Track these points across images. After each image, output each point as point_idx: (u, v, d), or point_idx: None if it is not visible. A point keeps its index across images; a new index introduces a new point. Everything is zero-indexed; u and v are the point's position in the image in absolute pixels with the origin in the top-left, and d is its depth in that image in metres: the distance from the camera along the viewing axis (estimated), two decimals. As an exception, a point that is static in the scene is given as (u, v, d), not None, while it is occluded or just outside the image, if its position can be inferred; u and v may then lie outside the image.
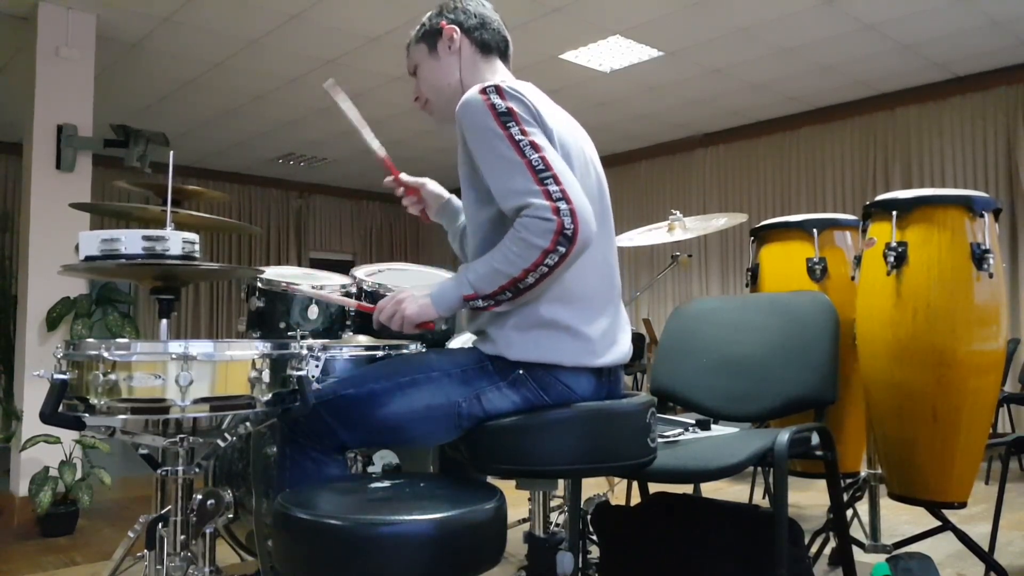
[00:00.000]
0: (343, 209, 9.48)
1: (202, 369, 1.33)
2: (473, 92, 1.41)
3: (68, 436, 3.49)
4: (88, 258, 1.53)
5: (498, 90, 1.40)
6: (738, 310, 2.28)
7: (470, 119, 1.40)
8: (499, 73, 1.62)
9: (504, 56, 1.66)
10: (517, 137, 1.35)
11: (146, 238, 1.54)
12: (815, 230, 2.53)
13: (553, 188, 1.31)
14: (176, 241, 1.56)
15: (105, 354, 1.32)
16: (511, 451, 1.38)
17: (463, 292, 1.38)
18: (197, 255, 1.61)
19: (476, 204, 1.47)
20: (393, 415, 1.40)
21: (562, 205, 1.30)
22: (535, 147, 1.35)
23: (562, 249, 1.30)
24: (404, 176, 1.75)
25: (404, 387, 1.41)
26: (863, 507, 2.75)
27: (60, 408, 1.33)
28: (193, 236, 1.61)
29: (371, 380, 1.43)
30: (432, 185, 1.79)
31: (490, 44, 1.62)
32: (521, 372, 1.40)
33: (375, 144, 1.67)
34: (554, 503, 2.71)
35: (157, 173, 4.11)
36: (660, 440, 1.77)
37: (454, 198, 1.80)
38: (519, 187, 1.33)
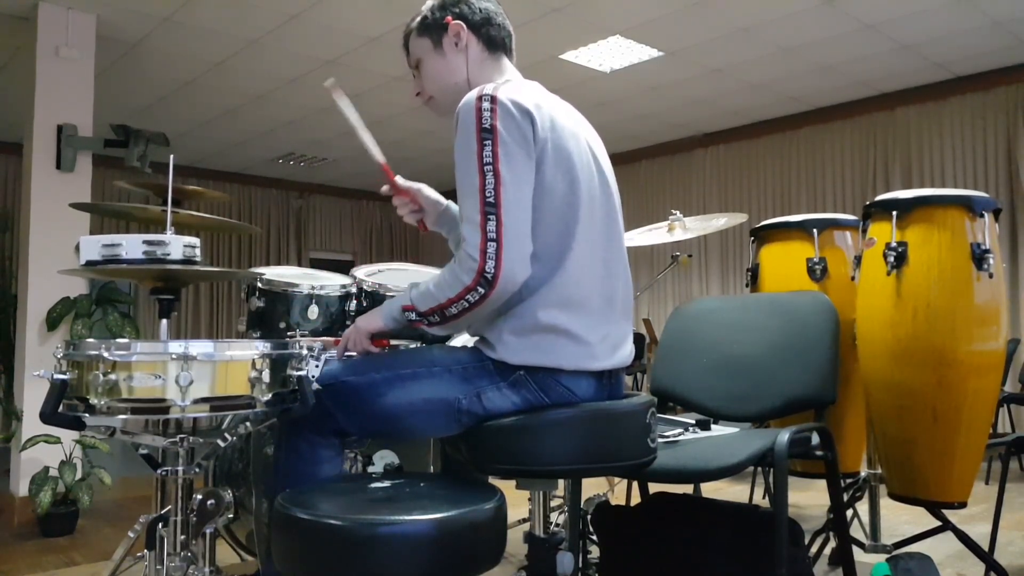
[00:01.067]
0: (343, 209, 9.48)
1: (202, 369, 1.33)
2: (471, 96, 1.40)
3: (68, 436, 3.49)
4: (89, 263, 1.53)
5: (493, 100, 1.38)
6: (738, 310, 2.28)
7: (459, 123, 1.40)
8: (507, 72, 1.60)
9: (509, 52, 1.64)
10: (486, 159, 1.35)
11: (147, 243, 1.54)
12: (815, 230, 2.53)
13: (491, 226, 1.33)
14: (177, 246, 1.57)
15: (105, 354, 1.32)
16: (511, 451, 1.38)
17: (403, 303, 1.44)
18: (198, 259, 1.61)
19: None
20: (392, 405, 1.41)
21: (490, 247, 1.32)
22: (496, 175, 1.35)
23: (481, 290, 1.34)
24: (400, 180, 1.73)
25: (405, 379, 1.42)
26: (863, 507, 2.75)
27: (60, 408, 1.33)
28: (194, 240, 1.61)
29: (373, 369, 1.44)
30: (428, 190, 1.75)
31: (496, 41, 1.60)
32: (522, 373, 1.40)
33: (375, 149, 1.64)
34: (554, 503, 2.71)
35: (157, 173, 4.11)
36: (660, 440, 1.77)
37: (452, 204, 1.77)
38: (466, 212, 1.36)
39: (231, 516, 1.89)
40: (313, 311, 2.06)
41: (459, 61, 1.58)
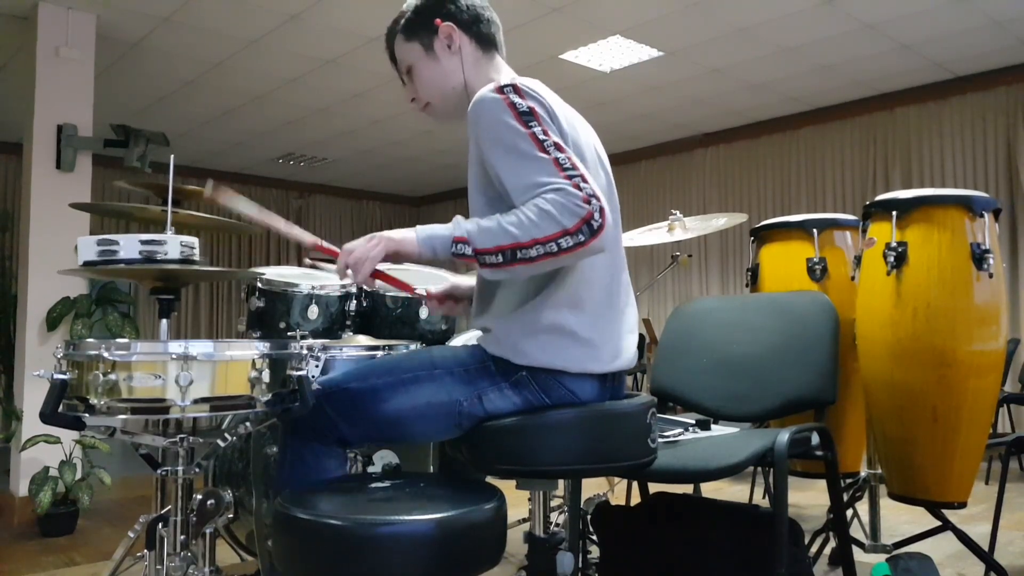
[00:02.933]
0: (343, 209, 9.48)
1: (202, 369, 1.33)
2: (488, 91, 1.36)
3: (68, 436, 3.49)
4: (87, 263, 1.53)
5: (516, 89, 1.35)
6: (738, 310, 2.28)
7: (487, 118, 1.34)
8: (503, 71, 1.58)
9: (500, 47, 1.60)
10: (541, 137, 1.30)
11: (144, 242, 1.54)
12: (815, 230, 2.53)
13: (583, 184, 1.26)
14: (174, 245, 1.56)
15: (105, 354, 1.32)
16: (511, 451, 1.38)
17: (455, 233, 1.30)
18: (196, 258, 1.61)
19: (486, 209, 1.42)
20: (394, 411, 1.40)
21: (594, 200, 1.25)
22: (559, 148, 1.30)
23: (582, 237, 1.24)
24: (431, 289, 1.61)
25: (406, 383, 1.41)
26: (863, 507, 2.75)
27: (60, 408, 1.33)
28: (192, 239, 1.60)
29: (374, 375, 1.43)
30: (461, 279, 1.66)
31: (488, 38, 1.56)
32: (524, 374, 1.40)
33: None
34: (554, 503, 2.71)
35: (157, 173, 4.11)
36: (660, 440, 1.77)
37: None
38: (542, 180, 1.27)
39: (231, 516, 1.89)
40: (313, 311, 2.06)
41: (454, 64, 1.53)
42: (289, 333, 2.02)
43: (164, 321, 1.72)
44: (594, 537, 2.28)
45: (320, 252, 1.49)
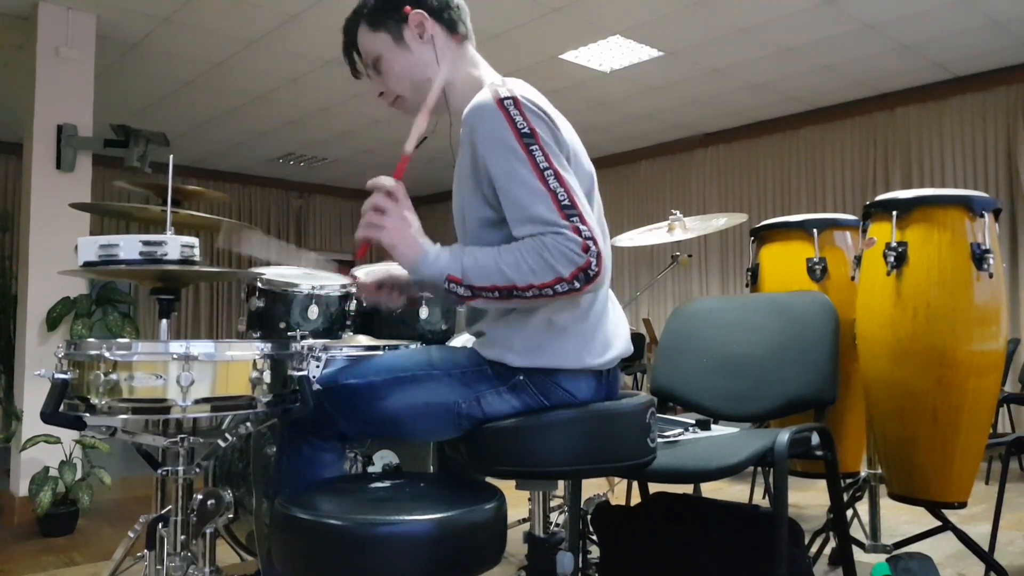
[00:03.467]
0: (343, 209, 9.48)
1: (203, 369, 1.33)
2: (487, 99, 1.33)
3: (68, 436, 3.49)
4: (87, 264, 1.53)
5: (516, 103, 1.32)
6: (738, 310, 2.28)
7: (485, 130, 1.32)
8: (478, 62, 1.54)
9: (469, 32, 1.54)
10: (541, 164, 1.29)
11: (144, 243, 1.54)
12: (815, 230, 2.53)
13: (582, 227, 1.26)
14: (175, 246, 1.56)
15: (106, 354, 1.32)
16: (511, 452, 1.38)
17: (451, 271, 1.30)
18: (196, 259, 1.61)
19: (479, 204, 1.42)
20: (392, 409, 1.40)
21: (591, 246, 1.25)
22: (559, 178, 1.28)
23: (577, 285, 1.25)
24: (361, 274, 1.59)
25: (404, 382, 1.41)
26: (863, 507, 2.75)
27: (61, 408, 1.33)
28: (192, 240, 1.60)
29: (372, 372, 1.43)
30: (396, 267, 1.57)
31: (457, 24, 1.51)
32: (521, 378, 1.40)
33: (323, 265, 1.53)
34: (554, 503, 2.71)
35: (157, 173, 4.11)
36: (660, 440, 1.77)
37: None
38: (543, 216, 1.26)
39: (231, 516, 1.89)
40: (313, 311, 2.06)
41: (427, 54, 1.48)
42: (289, 333, 2.02)
43: (164, 321, 1.72)
44: (594, 537, 2.28)
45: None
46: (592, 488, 3.15)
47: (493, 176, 1.33)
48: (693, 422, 2.01)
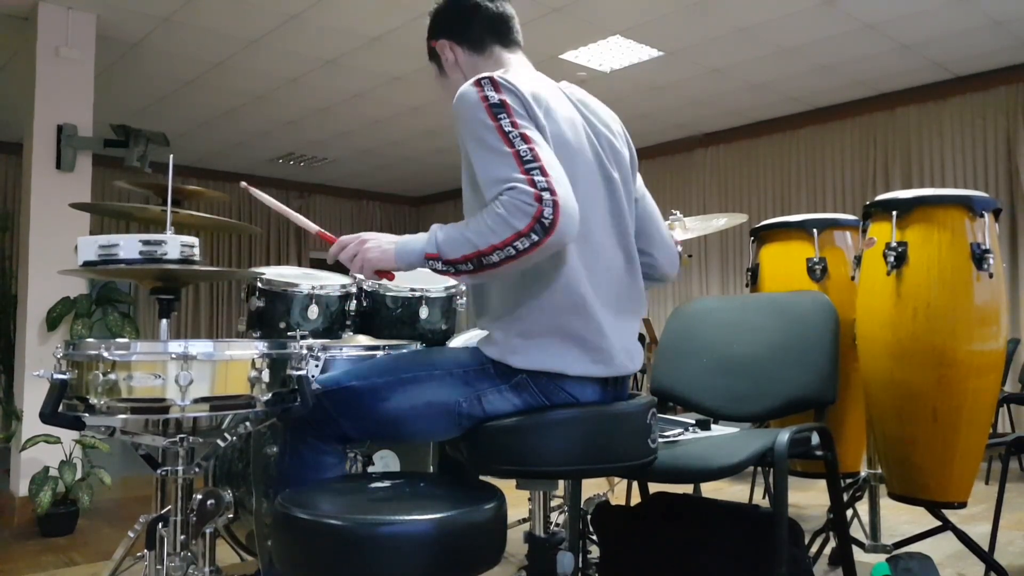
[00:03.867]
0: (343, 209, 9.48)
1: (202, 369, 1.33)
2: (467, 84, 1.39)
3: (68, 436, 3.49)
4: (87, 263, 1.53)
5: (492, 81, 1.37)
6: (738, 310, 2.28)
7: (462, 112, 1.37)
8: (503, 63, 1.57)
9: (502, 37, 1.59)
10: (507, 128, 1.32)
11: (144, 242, 1.54)
12: (815, 230, 2.53)
13: (539, 178, 1.26)
14: (174, 245, 1.56)
15: (105, 354, 1.32)
16: (511, 452, 1.38)
17: (427, 250, 1.33)
18: (196, 258, 1.61)
19: (473, 202, 1.43)
20: (394, 409, 1.41)
21: (545, 195, 1.24)
22: (525, 139, 1.30)
23: (535, 236, 1.24)
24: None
25: (406, 383, 1.41)
26: (863, 507, 2.75)
27: (60, 408, 1.33)
28: (192, 240, 1.60)
29: (374, 374, 1.44)
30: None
31: (481, 38, 1.57)
32: (524, 377, 1.40)
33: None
34: (554, 503, 2.71)
35: (157, 173, 4.11)
36: (660, 440, 1.77)
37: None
38: (503, 175, 1.28)
39: (231, 516, 1.89)
40: (313, 311, 2.06)
41: (457, 76, 1.60)
42: (289, 333, 2.02)
43: (164, 321, 1.72)
44: (594, 537, 2.28)
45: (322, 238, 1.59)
46: (592, 488, 3.15)
47: (470, 153, 1.36)
48: (693, 422, 2.01)
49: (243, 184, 1.63)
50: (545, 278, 1.39)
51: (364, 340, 2.13)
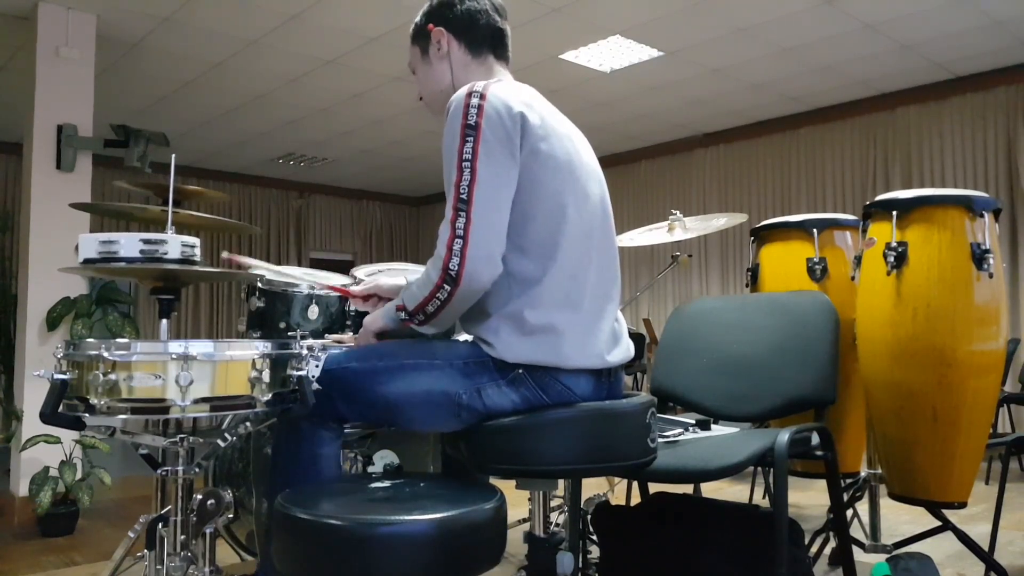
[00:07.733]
0: (343, 209, 9.48)
1: (202, 369, 1.33)
2: (462, 91, 1.43)
3: (68, 436, 3.49)
4: (87, 261, 1.53)
5: (482, 97, 1.40)
6: (738, 310, 2.28)
7: (448, 118, 1.42)
8: (496, 73, 1.61)
9: (497, 49, 1.63)
10: (465, 156, 1.36)
11: (145, 241, 1.53)
12: (815, 230, 2.53)
13: (460, 223, 1.34)
14: (175, 245, 1.56)
15: (105, 354, 1.31)
16: (511, 451, 1.38)
17: (397, 303, 1.45)
18: (197, 258, 1.61)
19: None
20: (392, 394, 1.42)
21: (456, 244, 1.33)
22: (473, 173, 1.35)
23: (447, 288, 1.34)
24: (355, 288, 1.73)
25: (406, 369, 1.43)
26: (863, 507, 2.75)
27: (60, 408, 1.33)
28: (193, 240, 1.60)
29: (375, 357, 1.45)
30: (385, 280, 1.72)
31: (480, 42, 1.60)
32: (521, 371, 1.41)
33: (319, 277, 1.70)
34: (554, 503, 2.71)
35: (157, 173, 4.11)
36: (660, 440, 1.77)
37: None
38: (446, 205, 1.38)
39: (231, 516, 1.88)
40: (313, 311, 2.06)
41: (443, 67, 1.61)
42: (289, 333, 2.02)
43: (164, 321, 1.72)
44: (594, 537, 2.28)
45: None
46: (592, 488, 3.15)
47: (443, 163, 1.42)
48: (693, 422, 2.01)
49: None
50: (530, 278, 1.41)
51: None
